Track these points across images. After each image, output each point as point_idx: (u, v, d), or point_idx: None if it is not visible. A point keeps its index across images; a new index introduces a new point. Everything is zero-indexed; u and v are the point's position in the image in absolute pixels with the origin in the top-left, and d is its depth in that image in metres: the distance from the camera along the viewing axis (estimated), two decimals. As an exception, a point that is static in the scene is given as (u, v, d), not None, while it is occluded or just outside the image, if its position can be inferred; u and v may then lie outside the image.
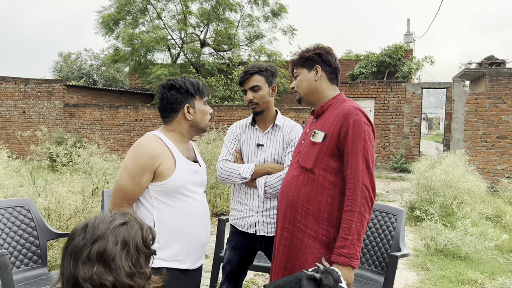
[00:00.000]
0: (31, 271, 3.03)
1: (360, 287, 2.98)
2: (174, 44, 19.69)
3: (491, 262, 5.08)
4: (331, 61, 2.11)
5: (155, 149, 1.96)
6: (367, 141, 1.89)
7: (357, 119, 1.90)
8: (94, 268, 1.06)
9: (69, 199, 4.02)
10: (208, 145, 7.70)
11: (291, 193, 2.05)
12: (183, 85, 2.06)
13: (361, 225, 1.82)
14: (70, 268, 1.08)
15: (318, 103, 2.13)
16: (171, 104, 2.06)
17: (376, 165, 13.98)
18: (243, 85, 2.64)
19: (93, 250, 1.08)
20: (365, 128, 1.90)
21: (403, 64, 18.67)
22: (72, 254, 1.10)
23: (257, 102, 2.60)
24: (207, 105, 2.17)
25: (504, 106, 10.96)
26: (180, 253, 2.00)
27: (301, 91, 2.15)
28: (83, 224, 1.17)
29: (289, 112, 14.00)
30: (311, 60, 2.11)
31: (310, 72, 2.11)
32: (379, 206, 3.43)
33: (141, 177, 1.93)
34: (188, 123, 2.09)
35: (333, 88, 2.14)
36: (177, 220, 1.99)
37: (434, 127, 44.73)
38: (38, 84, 17.69)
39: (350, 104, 1.99)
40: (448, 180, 7.14)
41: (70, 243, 1.13)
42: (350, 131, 1.89)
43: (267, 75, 2.62)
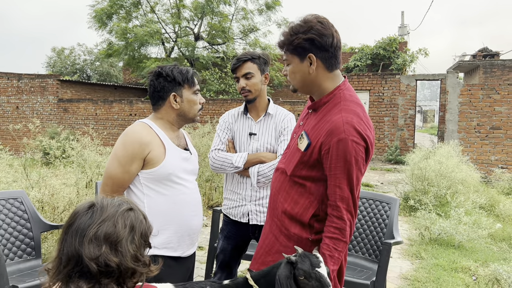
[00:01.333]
0: (25, 263, 3.03)
1: (355, 274, 2.99)
2: (168, 38, 19.61)
3: (485, 251, 5.13)
4: (327, 44, 1.69)
5: (144, 136, 1.95)
6: (353, 163, 1.62)
7: (342, 139, 1.61)
8: (101, 248, 1.07)
9: (62, 192, 4.01)
10: (203, 138, 7.69)
11: (274, 186, 1.90)
12: (171, 73, 2.03)
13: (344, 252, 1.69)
14: (75, 245, 1.08)
15: (316, 94, 1.82)
16: (158, 92, 2.05)
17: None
18: (235, 72, 2.63)
19: (101, 230, 1.09)
20: (351, 148, 1.61)
21: (397, 56, 18.70)
22: (78, 232, 1.10)
23: (250, 90, 2.59)
24: (198, 94, 2.14)
25: (498, 97, 11.01)
26: (172, 240, 2.00)
27: (295, 83, 1.81)
28: (88, 203, 1.17)
29: (284, 105, 13.99)
30: (301, 48, 1.70)
31: (303, 63, 1.72)
32: (372, 195, 3.45)
33: (130, 165, 1.92)
34: (175, 112, 2.07)
35: (333, 77, 1.76)
36: (168, 207, 1.98)
37: (429, 120, 44.88)
38: (31, 79, 17.56)
39: (344, 111, 1.67)
40: (442, 171, 7.18)
41: (75, 221, 1.12)
42: (334, 152, 1.63)
43: (259, 63, 2.61)
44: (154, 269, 1.24)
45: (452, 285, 3.92)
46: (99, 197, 1.20)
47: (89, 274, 1.08)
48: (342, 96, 1.73)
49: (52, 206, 4.03)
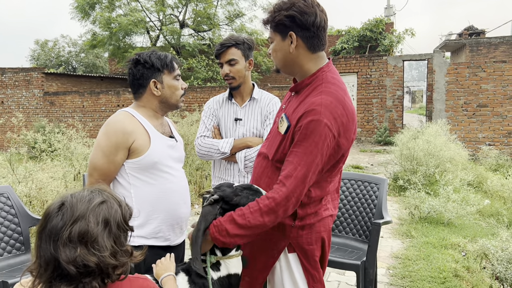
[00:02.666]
0: (14, 258, 3.00)
1: (345, 255, 3.02)
2: (153, 27, 19.35)
3: (473, 227, 5.21)
4: (309, 23, 1.62)
5: (127, 125, 1.91)
6: (319, 147, 1.54)
7: (315, 119, 1.54)
8: (77, 249, 1.05)
9: (50, 185, 3.97)
10: (192, 127, 7.65)
11: (256, 171, 1.87)
12: (149, 59, 1.98)
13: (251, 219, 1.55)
14: (50, 250, 1.06)
15: (298, 75, 1.76)
16: (138, 79, 2.00)
17: (360, 139, 14.10)
18: (219, 58, 2.59)
19: (74, 231, 1.06)
20: (322, 132, 1.54)
21: (384, 37, 18.68)
22: (51, 236, 1.07)
23: (233, 77, 2.56)
24: (180, 80, 2.10)
25: (484, 75, 11.08)
26: (160, 229, 1.99)
27: (277, 62, 1.76)
28: (58, 203, 1.13)
29: (273, 90, 13.95)
30: (282, 25, 1.65)
31: (284, 41, 1.67)
32: (361, 176, 3.46)
33: (115, 155, 1.89)
34: (157, 98, 2.03)
35: (315, 58, 1.71)
36: (156, 196, 1.96)
37: (417, 100, 45.09)
38: (15, 73, 17.27)
39: (324, 93, 1.62)
40: (431, 150, 7.24)
41: (46, 224, 1.09)
42: (303, 131, 1.57)
43: (244, 49, 2.57)
44: (138, 255, 1.22)
45: (442, 262, 3.98)
46: (68, 194, 1.17)
47: (70, 276, 1.06)
48: (324, 78, 1.68)
49: (41, 200, 4.00)
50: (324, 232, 1.78)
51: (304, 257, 1.76)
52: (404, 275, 3.77)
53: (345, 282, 3.69)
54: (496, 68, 10.98)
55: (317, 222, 1.75)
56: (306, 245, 1.75)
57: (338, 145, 1.62)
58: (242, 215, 1.57)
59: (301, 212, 1.73)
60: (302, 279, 1.78)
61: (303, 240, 1.74)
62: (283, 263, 1.81)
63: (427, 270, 3.83)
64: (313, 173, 1.59)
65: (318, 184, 1.71)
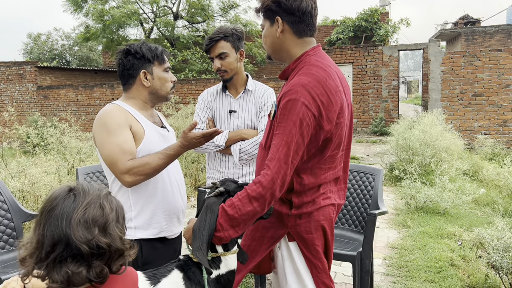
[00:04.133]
0: (8, 254, 2.98)
1: (341, 246, 3.01)
2: (147, 19, 19.20)
3: (469, 216, 5.22)
4: (293, 7, 1.65)
5: (119, 116, 1.89)
6: (297, 126, 1.54)
7: (292, 99, 1.56)
8: (93, 230, 1.08)
9: (43, 180, 3.93)
10: (186, 119, 7.61)
11: (258, 162, 1.89)
12: (139, 50, 1.97)
13: (242, 205, 1.54)
14: (61, 229, 1.06)
15: (287, 61, 1.79)
16: (128, 70, 1.98)
17: (356, 130, 14.10)
18: (209, 53, 2.56)
19: (89, 212, 1.09)
20: (299, 110, 1.54)
21: (379, 27, 18.61)
22: (64, 215, 1.08)
23: (225, 70, 2.53)
24: (169, 72, 2.08)
25: (479, 64, 11.07)
26: (157, 221, 1.97)
27: (267, 48, 1.81)
28: (66, 188, 1.15)
29: (268, 82, 13.90)
30: (270, 10, 1.70)
31: (273, 26, 1.72)
32: (356, 167, 3.44)
33: (122, 131, 1.85)
34: (146, 89, 2.00)
35: (301, 43, 1.73)
36: (151, 187, 1.94)
37: (413, 90, 45.08)
38: (8, 67, 17.11)
39: (304, 74, 1.63)
40: (426, 139, 7.24)
41: (56, 205, 1.10)
42: (281, 111, 1.58)
43: (233, 40, 2.53)
44: (133, 253, 1.23)
45: (438, 251, 3.99)
46: (74, 182, 1.19)
47: (80, 256, 1.07)
48: (307, 61, 1.69)
49: (34, 195, 3.96)
50: (324, 221, 1.75)
51: (304, 246, 1.75)
52: (400, 265, 3.78)
53: (341, 273, 3.69)
54: (491, 57, 10.97)
55: (315, 210, 1.73)
56: (304, 233, 1.73)
57: (319, 126, 1.60)
58: (232, 205, 1.56)
59: (297, 201, 1.72)
60: (304, 268, 1.77)
61: (301, 229, 1.73)
62: (285, 252, 1.80)
63: (423, 260, 3.83)
64: (295, 153, 1.57)
65: (311, 171, 1.69)
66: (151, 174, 1.86)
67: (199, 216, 1.58)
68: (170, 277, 1.53)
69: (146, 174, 1.84)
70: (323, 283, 1.77)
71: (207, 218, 1.54)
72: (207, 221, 1.54)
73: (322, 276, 1.76)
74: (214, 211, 1.56)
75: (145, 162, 1.83)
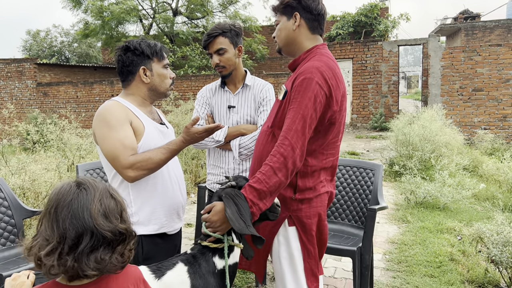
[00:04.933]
0: (9, 251, 2.98)
1: (341, 242, 3.02)
2: (146, 15, 19.15)
3: (469, 211, 5.23)
4: (312, 7, 1.89)
5: (120, 112, 1.89)
6: (312, 101, 1.71)
7: (308, 77, 1.73)
8: (112, 219, 1.15)
9: (44, 177, 3.94)
10: (186, 115, 7.60)
11: (258, 148, 1.99)
12: (139, 46, 1.97)
13: (268, 179, 1.66)
14: (84, 222, 1.11)
15: (296, 55, 1.97)
16: (127, 66, 1.98)
17: (356, 126, 14.10)
18: (207, 49, 2.56)
19: (104, 204, 1.15)
20: (314, 88, 1.71)
21: (379, 22, 18.56)
22: (83, 209, 1.12)
23: (224, 66, 2.53)
24: (168, 69, 2.08)
25: (479, 59, 11.05)
26: (157, 216, 1.97)
27: (279, 41, 1.98)
28: (73, 184, 1.17)
29: (268, 78, 13.88)
30: (290, 6, 1.91)
31: (289, 21, 1.92)
32: (356, 162, 3.45)
33: (122, 126, 1.85)
34: (146, 86, 2.01)
35: (313, 39, 1.94)
36: (151, 183, 1.94)
37: (413, 86, 45.02)
38: (7, 64, 17.08)
39: (317, 60, 1.82)
40: (426, 135, 7.24)
41: (70, 202, 1.13)
42: (297, 88, 1.75)
43: (231, 36, 2.53)
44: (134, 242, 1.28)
45: (438, 246, 4.00)
46: (76, 178, 1.22)
47: (106, 244, 1.13)
48: (318, 52, 1.89)
49: (34, 192, 3.96)
50: (321, 207, 1.89)
51: (303, 230, 1.86)
52: (400, 260, 3.79)
53: (341, 268, 3.70)
54: (491, 52, 10.95)
55: (314, 197, 1.86)
56: (305, 218, 1.86)
57: (328, 105, 1.78)
58: (258, 180, 1.67)
59: (301, 184, 1.84)
60: (298, 253, 1.88)
61: (302, 214, 1.85)
62: (281, 237, 1.89)
63: (423, 255, 3.85)
64: (309, 126, 1.73)
65: (315, 154, 1.83)
66: (153, 169, 1.87)
67: (225, 203, 1.63)
68: (175, 270, 1.54)
69: (149, 169, 1.85)
70: (311, 270, 1.89)
71: (239, 202, 1.62)
72: (240, 204, 1.62)
73: (311, 262, 1.89)
74: (240, 195, 1.64)
75: (147, 157, 1.84)
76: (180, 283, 1.52)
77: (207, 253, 1.64)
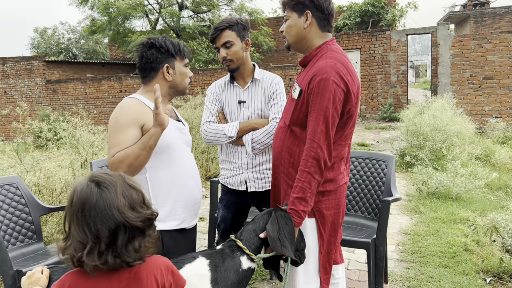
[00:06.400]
0: (27, 247, 3.03)
1: (355, 234, 3.02)
2: (152, 10, 19.14)
3: (482, 200, 5.20)
4: (324, 6, 1.93)
5: (131, 114, 1.90)
6: (331, 101, 1.78)
7: (324, 78, 1.79)
8: (138, 208, 1.21)
9: (58, 174, 3.98)
10: (195, 110, 7.61)
11: (276, 144, 2.04)
12: (164, 44, 2.00)
13: (309, 185, 1.80)
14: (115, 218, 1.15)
15: (306, 51, 2.01)
16: (151, 63, 2.00)
17: (365, 117, 14.03)
18: (214, 42, 2.54)
19: (128, 195, 1.20)
20: (331, 87, 1.78)
21: (386, 12, 18.36)
22: (111, 206, 1.16)
23: (231, 59, 2.51)
24: (188, 68, 2.11)
25: (490, 46, 10.90)
26: (176, 212, 2.00)
27: (289, 38, 2.01)
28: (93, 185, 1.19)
29: (275, 70, 13.84)
30: (302, 4, 1.93)
31: (300, 18, 1.94)
32: (368, 154, 3.44)
33: (127, 129, 1.86)
34: (167, 83, 2.04)
35: (323, 36, 1.98)
36: (170, 179, 1.97)
37: (421, 75, 44.60)
38: (16, 62, 17.21)
39: (329, 57, 1.86)
40: (437, 124, 7.19)
41: (96, 203, 1.16)
42: (315, 90, 1.81)
43: (238, 30, 2.52)
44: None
45: (451, 236, 3.99)
46: (93, 175, 1.23)
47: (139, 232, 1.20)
48: (329, 49, 1.94)
49: (49, 189, 4.01)
50: (340, 198, 1.98)
51: (322, 222, 1.94)
52: (414, 251, 3.78)
53: (354, 259, 3.71)
54: (502, 39, 10.80)
55: (335, 189, 1.94)
56: (325, 210, 1.93)
57: (347, 100, 1.84)
58: (302, 190, 1.81)
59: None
60: (314, 245, 1.94)
61: (323, 205, 1.93)
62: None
63: (436, 245, 3.84)
64: (332, 125, 1.82)
65: (334, 146, 1.89)
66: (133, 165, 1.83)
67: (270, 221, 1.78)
68: (194, 264, 1.59)
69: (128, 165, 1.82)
70: (324, 262, 1.97)
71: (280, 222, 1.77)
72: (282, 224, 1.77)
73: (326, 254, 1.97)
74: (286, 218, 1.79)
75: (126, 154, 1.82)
76: (199, 276, 1.55)
77: (236, 251, 1.69)
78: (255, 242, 1.74)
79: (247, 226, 1.79)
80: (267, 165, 2.60)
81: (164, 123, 1.79)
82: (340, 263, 2.18)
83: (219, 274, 1.58)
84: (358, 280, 3.33)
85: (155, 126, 1.80)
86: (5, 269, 2.53)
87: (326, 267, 1.98)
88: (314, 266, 1.95)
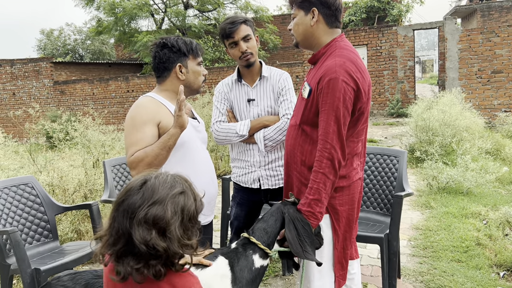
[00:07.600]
0: (43, 246, 3.08)
1: (368, 229, 3.03)
2: (157, 9, 19.18)
3: (493, 195, 5.18)
4: (331, 2, 1.91)
5: (148, 112, 1.93)
6: (341, 101, 1.77)
7: (333, 78, 1.77)
8: (151, 232, 1.08)
9: (71, 173, 4.03)
10: (204, 109, 7.65)
11: (289, 142, 2.05)
12: (176, 43, 2.02)
13: (324, 185, 1.80)
14: (125, 225, 1.09)
15: (315, 49, 2.00)
16: (163, 63, 2.03)
17: (372, 113, 13.98)
18: (232, 37, 2.46)
19: (151, 213, 1.09)
20: (341, 87, 1.76)
21: (392, 7, 18.27)
22: (128, 212, 1.10)
23: (251, 52, 2.49)
24: (202, 66, 2.13)
25: (498, 40, 10.82)
26: None
27: (297, 36, 2.00)
28: (140, 181, 1.15)
29: (282, 67, 13.83)
30: (308, 1, 1.92)
31: (307, 16, 1.93)
32: (380, 150, 3.44)
33: (144, 127, 1.89)
34: (181, 82, 2.05)
35: (331, 32, 1.96)
36: (187, 176, 1.99)
37: (428, 70, 44.31)
38: (24, 64, 17.35)
39: (338, 56, 1.84)
40: (446, 119, 7.16)
41: (125, 199, 1.12)
42: (324, 90, 1.80)
43: (251, 25, 2.53)
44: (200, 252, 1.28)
45: (463, 231, 3.98)
46: (152, 175, 1.18)
47: (139, 254, 1.09)
48: (337, 46, 1.92)
49: (62, 188, 4.06)
50: (354, 194, 1.96)
51: (336, 218, 1.94)
52: (426, 245, 3.78)
53: (367, 255, 3.72)
54: (510, 33, 10.71)
55: (348, 185, 1.93)
56: (339, 206, 1.92)
57: (357, 98, 1.82)
58: (317, 191, 1.80)
59: None
60: (328, 240, 1.94)
61: (336, 201, 1.92)
62: None
63: (448, 240, 3.83)
64: (344, 124, 1.81)
65: (347, 143, 1.88)
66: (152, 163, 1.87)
67: (286, 225, 1.77)
68: (215, 263, 1.60)
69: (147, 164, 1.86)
70: (339, 258, 1.97)
71: (298, 225, 1.77)
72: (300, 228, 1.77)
73: (340, 250, 1.97)
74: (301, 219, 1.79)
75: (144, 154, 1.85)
76: (221, 276, 1.57)
77: (248, 249, 1.69)
78: (266, 240, 1.75)
79: (257, 224, 1.79)
80: (279, 162, 2.60)
81: (184, 125, 1.83)
82: (355, 259, 2.19)
83: (236, 274, 1.60)
84: (371, 275, 3.34)
85: (175, 127, 1.83)
86: (24, 267, 2.57)
87: (342, 263, 1.98)
88: (328, 261, 1.96)
